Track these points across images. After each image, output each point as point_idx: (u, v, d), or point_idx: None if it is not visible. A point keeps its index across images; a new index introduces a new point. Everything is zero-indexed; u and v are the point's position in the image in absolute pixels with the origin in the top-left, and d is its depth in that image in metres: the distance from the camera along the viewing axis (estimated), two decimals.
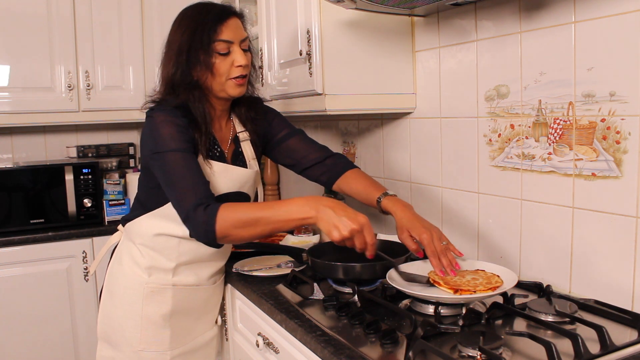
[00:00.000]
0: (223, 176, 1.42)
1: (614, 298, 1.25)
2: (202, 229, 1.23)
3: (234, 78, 1.39)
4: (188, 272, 1.51)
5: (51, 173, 2.53)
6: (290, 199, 1.25)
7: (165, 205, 1.41)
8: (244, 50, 1.41)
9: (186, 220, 1.27)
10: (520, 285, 1.35)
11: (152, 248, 1.48)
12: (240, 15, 1.43)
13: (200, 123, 1.37)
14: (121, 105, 2.76)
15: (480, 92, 1.58)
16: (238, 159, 1.51)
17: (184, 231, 1.39)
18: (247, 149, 1.54)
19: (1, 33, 2.50)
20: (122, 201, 2.71)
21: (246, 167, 1.52)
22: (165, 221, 1.43)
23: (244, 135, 1.53)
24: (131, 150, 3.05)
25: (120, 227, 1.61)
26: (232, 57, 1.38)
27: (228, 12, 1.39)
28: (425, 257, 1.36)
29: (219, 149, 1.45)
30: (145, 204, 1.48)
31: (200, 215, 1.23)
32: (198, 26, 1.36)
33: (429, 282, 1.27)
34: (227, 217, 1.22)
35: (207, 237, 1.25)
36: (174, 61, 1.38)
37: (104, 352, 1.55)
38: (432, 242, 1.31)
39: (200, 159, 1.36)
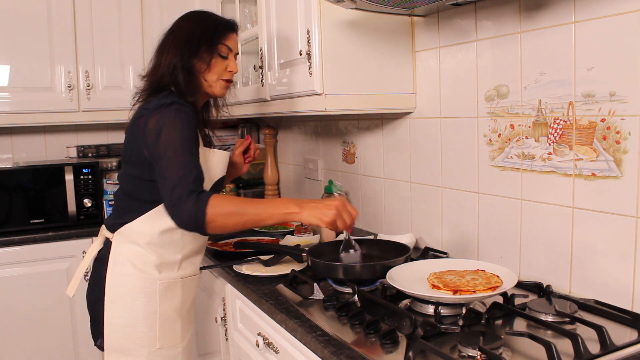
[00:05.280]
0: (219, 161, 1.56)
1: (614, 298, 1.25)
2: (192, 213, 1.29)
3: (224, 80, 1.57)
4: (188, 264, 1.58)
5: (51, 173, 2.53)
6: (273, 198, 1.31)
7: None
8: None
9: (175, 204, 1.30)
10: (520, 285, 1.35)
11: (160, 245, 1.50)
12: (238, 34, 1.63)
13: (199, 112, 1.50)
14: (121, 105, 2.75)
15: (480, 92, 1.58)
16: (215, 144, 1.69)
17: None
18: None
19: (1, 33, 2.50)
20: None
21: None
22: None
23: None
24: None
25: (106, 233, 1.56)
26: (227, 62, 1.57)
27: (235, 27, 1.60)
28: (421, 258, 1.36)
29: (208, 138, 1.60)
30: (148, 200, 1.48)
31: (192, 201, 1.29)
32: (210, 25, 1.53)
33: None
34: (218, 204, 1.30)
35: (196, 221, 1.29)
36: (180, 48, 1.49)
37: None
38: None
39: (201, 144, 1.46)
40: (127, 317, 1.48)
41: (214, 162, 1.54)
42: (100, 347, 1.53)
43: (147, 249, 1.49)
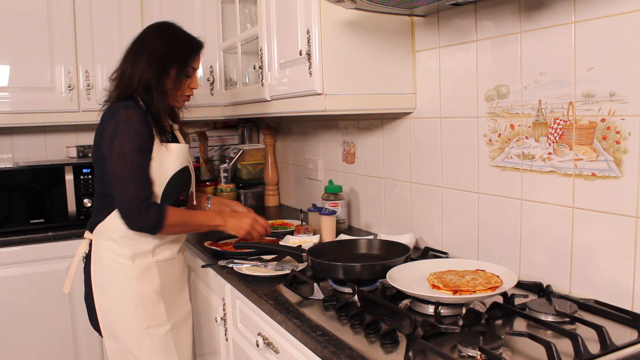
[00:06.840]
0: (176, 156, 1.68)
1: (614, 298, 1.25)
2: (152, 221, 1.54)
3: (185, 95, 1.74)
4: (163, 249, 1.71)
5: (51, 173, 2.52)
6: (207, 211, 1.75)
7: None
8: None
9: (136, 214, 1.53)
10: (520, 285, 1.36)
11: (132, 237, 1.63)
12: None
13: (162, 118, 1.65)
14: None
15: (480, 92, 1.58)
16: (176, 141, 1.80)
17: None
18: (178, 134, 1.82)
19: (1, 33, 2.50)
20: None
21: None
22: None
23: (174, 127, 1.81)
24: None
25: (87, 234, 1.72)
26: (191, 80, 1.73)
27: (202, 46, 1.74)
28: (421, 258, 1.37)
29: (170, 135, 1.74)
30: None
31: (153, 210, 1.54)
32: (184, 47, 1.68)
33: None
34: (172, 216, 1.58)
35: (156, 228, 1.56)
36: (153, 66, 1.62)
37: (114, 347, 1.66)
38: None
39: (157, 143, 1.62)
40: (113, 306, 1.64)
41: (170, 160, 1.65)
42: (101, 334, 1.69)
43: (121, 242, 1.63)
